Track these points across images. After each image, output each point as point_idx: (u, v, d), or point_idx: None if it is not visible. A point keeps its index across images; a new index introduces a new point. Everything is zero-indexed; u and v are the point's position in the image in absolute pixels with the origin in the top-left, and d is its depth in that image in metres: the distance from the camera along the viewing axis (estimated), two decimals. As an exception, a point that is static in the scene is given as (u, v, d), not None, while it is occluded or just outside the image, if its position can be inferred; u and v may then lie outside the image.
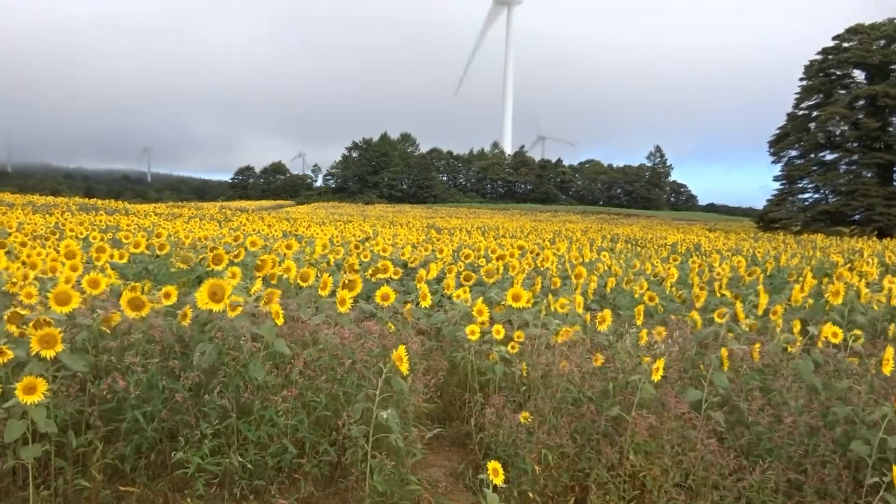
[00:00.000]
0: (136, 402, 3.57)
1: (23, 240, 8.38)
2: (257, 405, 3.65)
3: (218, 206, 52.11)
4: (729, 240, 27.69)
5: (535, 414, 4.10)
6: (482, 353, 4.96)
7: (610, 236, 28.70)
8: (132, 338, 3.86)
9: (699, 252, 18.75)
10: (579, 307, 5.59)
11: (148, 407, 3.60)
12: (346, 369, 3.98)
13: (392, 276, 6.91)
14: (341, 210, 72.17)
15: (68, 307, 3.61)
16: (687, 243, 22.83)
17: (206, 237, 11.03)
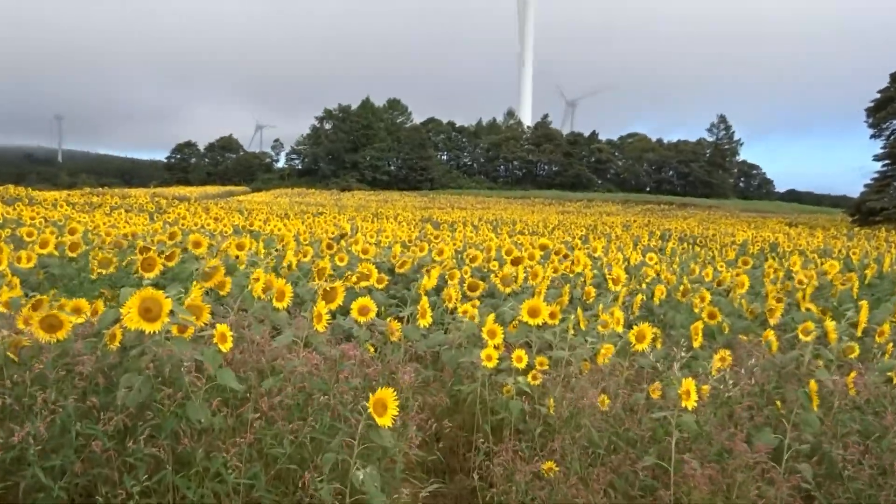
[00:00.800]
0: (38, 452, 3.54)
1: None
2: (200, 455, 3.63)
3: (149, 194, 52.17)
4: (815, 237, 27.71)
5: (560, 463, 4.08)
6: (494, 384, 4.94)
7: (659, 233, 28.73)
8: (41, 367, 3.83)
9: (776, 253, 18.75)
10: (619, 324, 5.58)
11: (56, 459, 3.58)
12: (316, 407, 3.95)
13: (375, 284, 6.90)
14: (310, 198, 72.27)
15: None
16: (760, 242, 22.83)
17: (134, 234, 11.03)
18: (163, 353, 3.75)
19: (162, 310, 3.64)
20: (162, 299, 3.64)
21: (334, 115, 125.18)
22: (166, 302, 3.65)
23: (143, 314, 3.63)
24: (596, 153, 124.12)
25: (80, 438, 3.62)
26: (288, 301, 4.83)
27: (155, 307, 3.63)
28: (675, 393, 4.36)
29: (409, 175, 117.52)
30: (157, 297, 3.64)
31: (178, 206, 30.11)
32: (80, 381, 3.83)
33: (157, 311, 3.63)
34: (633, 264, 11.52)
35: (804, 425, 4.09)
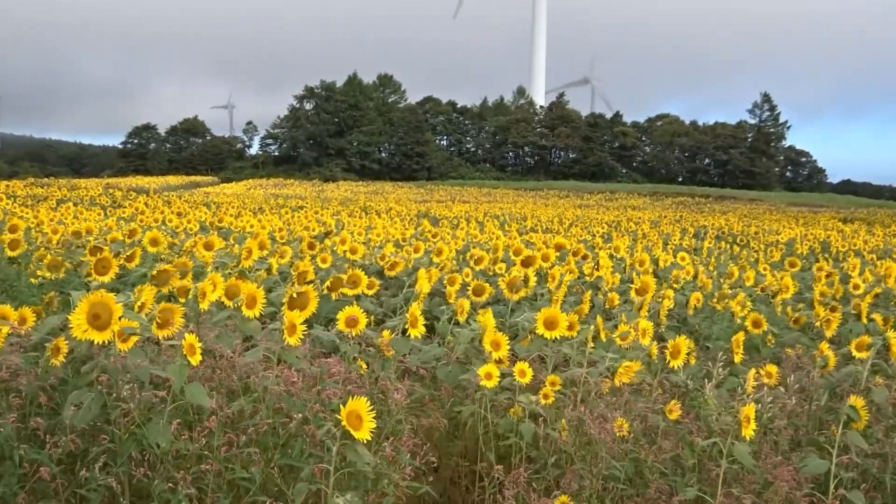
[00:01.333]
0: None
1: None
2: (159, 486, 3.64)
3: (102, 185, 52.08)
4: (874, 235, 27.70)
5: (576, 497, 4.09)
6: (500, 405, 4.95)
7: (693, 230, 28.75)
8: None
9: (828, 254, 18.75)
10: (646, 336, 5.58)
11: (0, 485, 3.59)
12: (292, 430, 3.96)
13: (365, 290, 6.90)
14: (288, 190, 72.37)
15: None
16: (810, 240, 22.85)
17: (85, 232, 11.03)
18: (116, 365, 3.75)
19: (112, 316, 3.63)
20: (112, 303, 3.63)
21: (316, 94, 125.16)
22: (116, 307, 3.64)
23: (92, 321, 3.62)
24: (620, 138, 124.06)
25: (25, 465, 3.62)
26: (260, 309, 4.84)
27: (105, 313, 3.62)
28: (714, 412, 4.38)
29: (403, 163, 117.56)
30: (107, 301, 3.63)
31: (135, 200, 30.13)
32: (17, 400, 3.83)
33: (107, 318, 3.62)
34: (662, 266, 11.53)
35: (852, 447, 4.10)
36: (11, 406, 3.79)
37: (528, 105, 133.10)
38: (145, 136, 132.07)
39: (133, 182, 67.56)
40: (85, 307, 3.61)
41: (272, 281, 7.87)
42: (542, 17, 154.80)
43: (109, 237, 9.73)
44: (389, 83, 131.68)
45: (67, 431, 3.65)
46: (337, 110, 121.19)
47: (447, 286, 7.50)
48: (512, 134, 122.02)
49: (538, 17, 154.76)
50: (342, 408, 3.47)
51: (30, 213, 16.68)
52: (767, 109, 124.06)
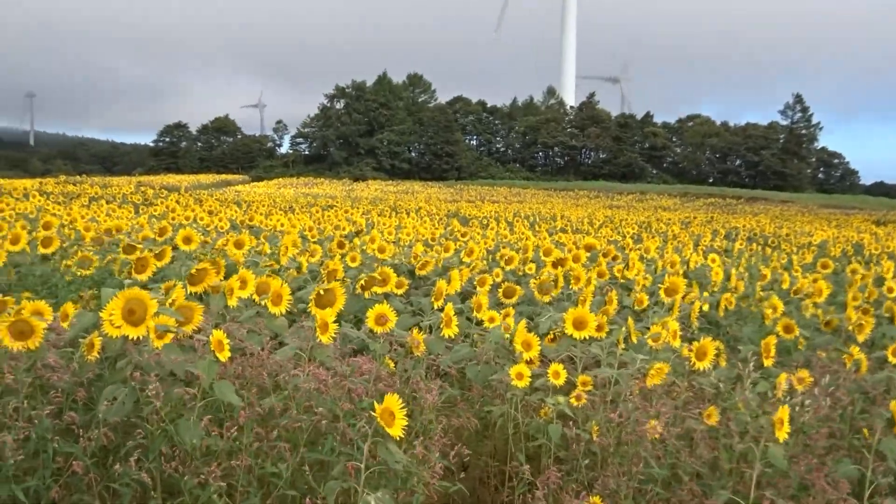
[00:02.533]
0: (16, 471, 3.58)
1: None
2: (190, 481, 3.66)
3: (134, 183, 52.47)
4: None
5: (611, 498, 4.08)
6: (531, 406, 4.94)
7: (724, 231, 28.56)
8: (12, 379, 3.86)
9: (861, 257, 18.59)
10: (676, 338, 5.56)
11: (32, 480, 3.62)
12: (321, 428, 3.97)
13: (394, 289, 6.91)
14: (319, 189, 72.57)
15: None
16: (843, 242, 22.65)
17: (117, 229, 11.12)
18: (150, 361, 3.77)
19: (147, 311, 3.66)
20: (147, 300, 3.66)
21: (347, 93, 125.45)
22: (151, 303, 3.67)
23: (127, 317, 3.65)
24: (650, 138, 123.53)
25: (58, 459, 3.65)
26: (286, 306, 4.85)
27: (139, 308, 3.65)
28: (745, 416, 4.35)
29: (433, 163, 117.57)
30: (142, 297, 3.67)
31: (166, 198, 30.29)
32: (55, 396, 3.87)
33: (141, 314, 3.65)
34: (693, 268, 11.47)
35: (889, 453, 4.06)
36: (50, 401, 3.83)
37: (558, 105, 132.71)
38: (177, 135, 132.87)
39: (164, 180, 68.02)
40: (120, 303, 3.64)
41: (302, 279, 7.91)
42: (572, 17, 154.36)
43: (141, 235, 9.80)
44: (419, 83, 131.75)
45: (101, 426, 3.68)
46: (367, 109, 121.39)
47: (477, 286, 7.50)
48: (542, 134, 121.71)
49: (568, 17, 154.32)
50: (377, 405, 3.48)
51: (63, 211, 16.83)
52: (800, 111, 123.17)
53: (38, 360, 4.01)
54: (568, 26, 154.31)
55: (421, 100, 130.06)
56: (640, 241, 18.16)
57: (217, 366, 3.80)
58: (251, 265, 7.79)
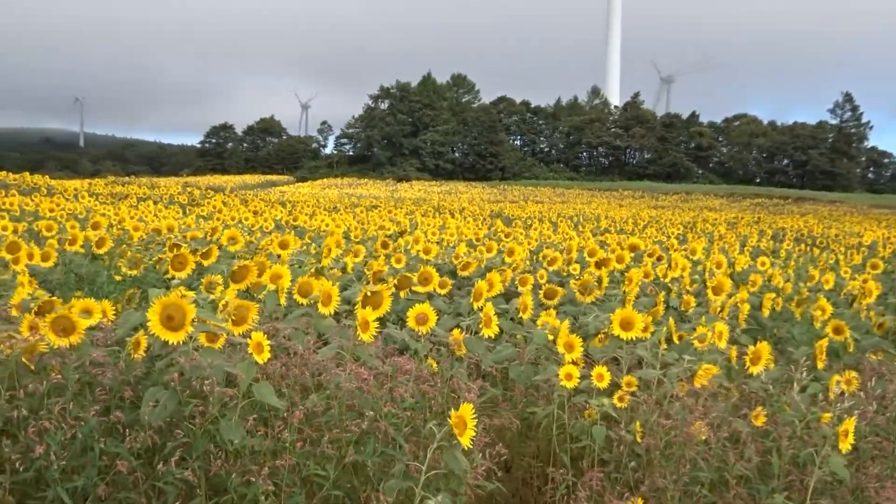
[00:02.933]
0: (60, 472, 3.63)
1: None
2: (235, 480, 3.68)
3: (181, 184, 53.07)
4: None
5: (653, 499, 4.05)
6: (574, 407, 4.92)
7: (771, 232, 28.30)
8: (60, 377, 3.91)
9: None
10: (722, 339, 5.51)
11: (79, 480, 3.66)
12: (364, 428, 3.97)
13: (437, 289, 6.91)
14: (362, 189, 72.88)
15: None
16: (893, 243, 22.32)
17: (164, 229, 11.23)
18: (189, 364, 3.80)
19: (185, 317, 3.67)
20: (185, 305, 3.67)
21: (391, 94, 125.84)
22: (190, 308, 3.68)
23: (165, 322, 3.67)
24: (696, 138, 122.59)
25: (104, 458, 3.69)
26: (335, 307, 4.87)
27: (178, 314, 3.67)
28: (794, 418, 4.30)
29: (477, 163, 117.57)
30: (180, 303, 3.68)
31: (212, 198, 30.57)
32: (101, 394, 3.91)
33: (180, 319, 3.67)
34: (739, 269, 11.36)
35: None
36: (97, 399, 3.87)
37: (603, 105, 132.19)
38: (223, 136, 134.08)
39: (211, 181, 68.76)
40: (157, 309, 3.66)
41: (347, 279, 7.93)
42: (618, 16, 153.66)
43: (189, 235, 9.89)
44: (463, 83, 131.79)
45: (146, 427, 3.72)
46: (411, 110, 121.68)
47: (520, 286, 7.49)
48: (586, 134, 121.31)
49: (613, 16, 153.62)
50: (453, 412, 3.49)
51: (111, 211, 17.04)
52: (849, 109, 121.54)
53: (86, 358, 4.05)
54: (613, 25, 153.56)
55: (465, 100, 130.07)
56: (685, 242, 18.03)
57: (255, 367, 3.82)
58: (295, 265, 7.83)
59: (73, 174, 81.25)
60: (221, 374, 3.80)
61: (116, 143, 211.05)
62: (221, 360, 3.89)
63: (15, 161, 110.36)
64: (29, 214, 15.11)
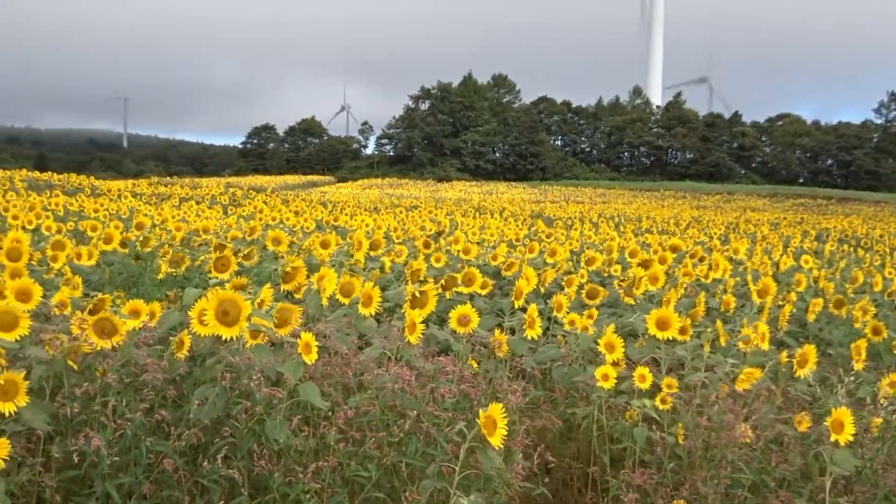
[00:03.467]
0: (110, 469, 3.67)
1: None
2: (278, 479, 3.71)
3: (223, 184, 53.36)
4: None
5: (695, 502, 4.03)
6: (615, 408, 4.90)
7: (815, 233, 27.97)
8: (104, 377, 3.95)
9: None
10: (764, 341, 5.47)
11: (125, 477, 3.71)
12: (406, 428, 3.98)
13: (478, 289, 6.91)
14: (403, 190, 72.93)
15: (14, 333, 3.72)
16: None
17: (206, 229, 11.31)
18: (240, 363, 3.83)
19: (241, 313, 3.72)
20: (241, 301, 3.72)
21: (432, 94, 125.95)
22: (245, 304, 3.73)
23: (220, 317, 3.71)
24: (738, 138, 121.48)
25: (150, 456, 3.74)
26: (375, 307, 4.88)
27: (233, 310, 3.71)
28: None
29: (518, 163, 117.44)
30: (236, 299, 3.72)
31: (254, 198, 30.75)
32: (147, 393, 3.95)
33: (235, 315, 3.71)
34: (782, 270, 11.26)
35: None
36: (142, 399, 3.91)
37: (645, 105, 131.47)
38: (264, 137, 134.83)
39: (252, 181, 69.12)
40: (213, 303, 3.70)
41: (386, 279, 7.95)
42: (660, 15, 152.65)
43: (230, 235, 9.96)
44: (504, 83, 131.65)
45: (191, 425, 3.75)
46: (452, 110, 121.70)
47: (562, 286, 7.47)
48: (628, 134, 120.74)
49: (655, 15, 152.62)
50: (481, 412, 3.50)
51: (154, 211, 17.21)
52: (895, 109, 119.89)
53: (130, 358, 4.11)
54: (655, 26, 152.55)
55: (505, 100, 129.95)
56: (727, 243, 17.88)
57: (303, 367, 3.84)
58: (336, 265, 7.86)
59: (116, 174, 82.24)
60: (273, 372, 3.84)
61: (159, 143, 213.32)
62: (271, 358, 3.93)
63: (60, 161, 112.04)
64: (73, 215, 15.30)
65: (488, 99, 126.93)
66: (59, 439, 3.70)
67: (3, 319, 3.71)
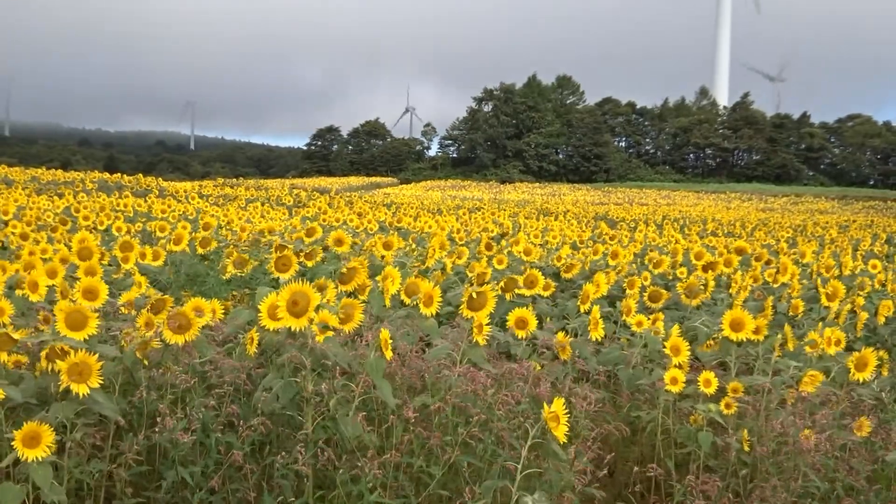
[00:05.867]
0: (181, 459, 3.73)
1: (23, 231, 9.05)
2: (343, 475, 3.73)
3: (287, 185, 53.87)
4: None
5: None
6: (680, 411, 4.87)
7: (885, 235, 27.42)
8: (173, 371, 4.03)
9: None
10: (832, 346, 5.39)
11: (196, 467, 3.76)
12: (476, 429, 3.98)
13: (541, 291, 6.90)
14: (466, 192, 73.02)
15: (83, 333, 3.80)
16: None
17: (271, 230, 11.43)
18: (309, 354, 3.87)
19: (310, 304, 3.78)
20: (311, 293, 3.79)
21: (495, 96, 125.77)
22: (315, 296, 3.80)
23: (291, 307, 3.78)
24: (807, 139, 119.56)
25: (219, 449, 3.80)
26: (436, 307, 4.90)
27: (302, 300, 3.78)
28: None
29: (581, 165, 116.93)
30: (306, 290, 3.80)
31: (318, 200, 31.00)
32: (216, 388, 4.02)
33: (304, 305, 3.77)
34: (851, 273, 11.08)
35: None
36: (211, 394, 3.98)
37: (711, 106, 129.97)
38: (328, 139, 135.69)
39: (316, 183, 69.71)
40: (286, 294, 3.77)
41: (449, 281, 7.96)
42: (727, 15, 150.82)
43: (294, 236, 10.05)
44: (568, 84, 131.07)
45: (259, 414, 3.82)
46: (515, 112, 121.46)
47: (625, 289, 7.43)
48: (693, 135, 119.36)
49: (722, 15, 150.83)
50: (546, 406, 3.52)
51: (220, 212, 17.44)
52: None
53: (204, 354, 4.19)
54: (722, 26, 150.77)
55: (569, 101, 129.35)
56: (794, 246, 17.63)
57: (384, 363, 3.88)
58: (399, 266, 7.90)
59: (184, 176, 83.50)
60: (346, 361, 3.88)
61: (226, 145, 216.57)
62: (343, 351, 3.98)
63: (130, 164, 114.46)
64: (142, 215, 15.57)
65: (552, 100, 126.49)
66: (129, 435, 3.78)
67: (73, 319, 3.80)
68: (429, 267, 8.06)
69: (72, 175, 39.60)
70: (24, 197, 17.89)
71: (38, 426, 3.26)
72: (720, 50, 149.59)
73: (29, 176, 34.29)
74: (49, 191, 23.74)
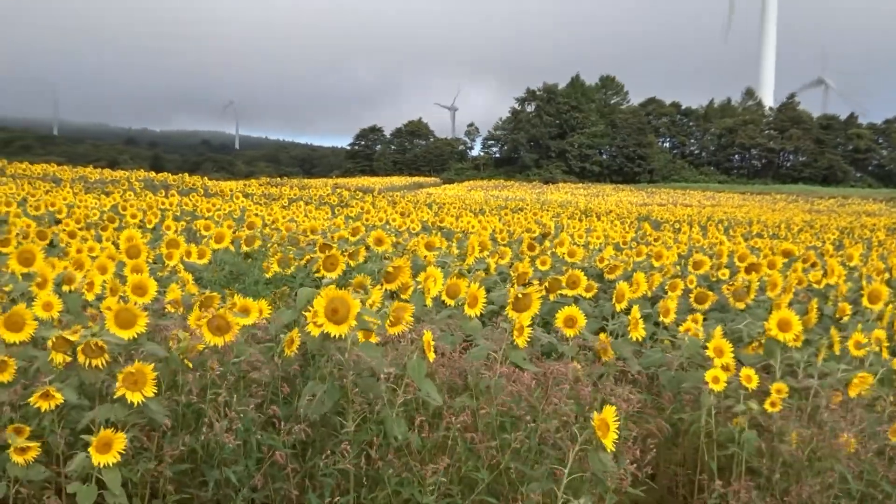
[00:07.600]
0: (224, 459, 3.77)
1: (72, 229, 9.18)
2: (391, 476, 3.74)
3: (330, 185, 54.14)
4: None
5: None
6: (723, 413, 4.83)
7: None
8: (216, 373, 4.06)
9: None
10: (880, 347, 5.33)
11: (238, 466, 3.80)
12: (524, 432, 3.98)
13: (583, 292, 6.88)
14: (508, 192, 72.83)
15: (131, 332, 3.85)
16: None
17: (314, 229, 11.49)
18: (349, 360, 3.89)
19: (350, 311, 3.78)
20: (350, 300, 3.79)
21: (538, 96, 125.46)
22: (355, 303, 3.80)
23: (330, 315, 3.79)
24: (854, 140, 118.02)
25: (261, 450, 3.83)
26: (480, 308, 4.90)
27: (342, 308, 3.78)
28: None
29: (625, 165, 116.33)
30: (345, 297, 3.79)
31: (361, 199, 31.13)
32: (258, 389, 4.05)
33: (344, 313, 3.78)
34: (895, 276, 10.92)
35: None
36: (252, 394, 4.02)
37: (756, 107, 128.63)
38: (371, 138, 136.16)
39: (359, 182, 69.98)
40: (323, 302, 3.78)
41: (492, 281, 7.95)
42: (773, 15, 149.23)
43: (337, 235, 10.10)
44: (612, 84, 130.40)
45: (301, 420, 3.83)
46: (558, 112, 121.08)
47: (668, 291, 7.39)
48: (739, 136, 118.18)
49: (768, 15, 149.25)
50: (595, 414, 3.51)
51: (264, 212, 17.57)
52: None
53: (244, 355, 4.22)
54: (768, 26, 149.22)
55: (613, 102, 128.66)
56: (841, 248, 17.41)
57: (426, 364, 3.89)
58: (441, 266, 7.90)
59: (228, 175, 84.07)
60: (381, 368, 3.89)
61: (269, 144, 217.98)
62: (380, 354, 3.99)
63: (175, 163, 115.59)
64: (187, 214, 15.74)
65: (595, 101, 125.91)
66: (170, 434, 3.82)
67: (122, 317, 3.84)
68: (469, 266, 8.04)
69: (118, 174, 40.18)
70: (73, 195, 18.14)
71: (112, 434, 3.38)
72: (766, 50, 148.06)
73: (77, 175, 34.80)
74: (97, 189, 24.07)
